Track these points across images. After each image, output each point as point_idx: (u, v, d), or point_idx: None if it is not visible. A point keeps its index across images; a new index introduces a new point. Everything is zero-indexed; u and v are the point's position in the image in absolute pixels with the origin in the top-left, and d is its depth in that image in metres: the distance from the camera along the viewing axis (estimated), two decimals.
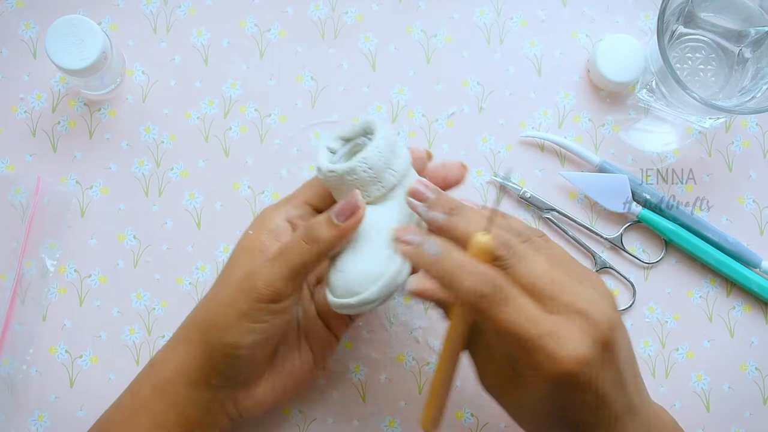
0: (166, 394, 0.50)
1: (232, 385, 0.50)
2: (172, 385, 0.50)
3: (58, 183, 0.61)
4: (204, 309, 0.51)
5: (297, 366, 0.53)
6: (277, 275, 0.47)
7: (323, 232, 0.47)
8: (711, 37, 0.60)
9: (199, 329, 0.50)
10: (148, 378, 0.51)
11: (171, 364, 0.50)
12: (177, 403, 0.50)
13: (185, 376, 0.49)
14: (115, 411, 0.52)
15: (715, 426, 0.60)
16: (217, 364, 0.49)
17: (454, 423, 0.59)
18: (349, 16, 0.64)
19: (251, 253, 0.50)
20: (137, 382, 0.52)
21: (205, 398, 0.50)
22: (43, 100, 0.62)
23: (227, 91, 0.63)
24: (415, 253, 0.44)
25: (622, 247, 0.61)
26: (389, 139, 0.49)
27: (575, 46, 0.64)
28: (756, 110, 0.56)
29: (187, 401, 0.50)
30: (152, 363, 0.52)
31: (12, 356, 0.58)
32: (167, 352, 0.51)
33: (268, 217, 0.51)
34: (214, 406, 0.51)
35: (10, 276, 0.59)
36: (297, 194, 0.52)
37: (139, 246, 0.61)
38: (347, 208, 0.47)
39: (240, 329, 0.47)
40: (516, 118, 0.63)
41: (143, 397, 0.50)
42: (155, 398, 0.50)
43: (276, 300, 0.47)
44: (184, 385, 0.50)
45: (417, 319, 0.60)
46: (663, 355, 0.61)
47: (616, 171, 0.61)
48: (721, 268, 0.60)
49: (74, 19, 0.56)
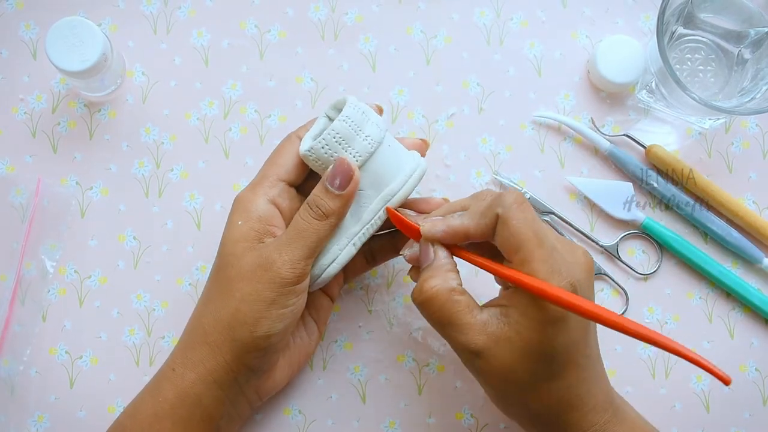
0: (191, 397, 0.49)
1: (258, 376, 0.52)
2: (197, 387, 0.50)
3: (58, 184, 0.61)
4: (224, 307, 0.50)
5: (305, 339, 0.55)
6: (299, 257, 0.49)
7: (330, 205, 0.49)
8: (711, 38, 0.60)
9: (225, 329, 0.49)
10: (170, 382, 0.50)
11: (194, 367, 0.50)
12: (202, 404, 0.50)
13: (211, 378, 0.49)
14: (134, 414, 0.51)
15: (715, 426, 0.60)
16: (248, 360, 0.50)
17: (454, 423, 0.59)
18: (349, 17, 0.64)
19: (249, 242, 0.50)
20: (157, 387, 0.51)
21: (231, 395, 0.51)
22: (43, 101, 0.62)
23: (227, 92, 0.63)
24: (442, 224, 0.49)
25: (617, 256, 0.61)
26: (357, 107, 0.51)
27: (575, 46, 0.64)
28: (756, 111, 0.56)
29: (213, 401, 0.50)
30: (171, 366, 0.51)
31: (12, 357, 0.58)
32: (187, 354, 0.51)
33: (250, 203, 0.51)
34: (240, 399, 0.52)
35: (9, 277, 0.59)
36: (267, 173, 0.52)
37: (139, 247, 0.61)
38: (343, 176, 0.49)
39: (270, 318, 0.49)
40: (516, 119, 0.63)
41: (166, 400, 0.50)
42: (179, 402, 0.49)
43: (300, 281, 0.49)
44: (210, 385, 0.50)
45: (417, 319, 0.60)
46: (663, 355, 0.61)
47: (625, 157, 0.62)
48: (723, 279, 0.61)
49: (74, 20, 0.56)
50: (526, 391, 0.47)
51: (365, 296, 0.61)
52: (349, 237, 0.52)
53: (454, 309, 0.47)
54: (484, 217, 0.48)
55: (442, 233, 0.49)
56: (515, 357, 0.46)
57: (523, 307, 0.46)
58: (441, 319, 0.47)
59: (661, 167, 0.62)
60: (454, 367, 0.60)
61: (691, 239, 0.62)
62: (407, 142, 0.55)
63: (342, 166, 0.50)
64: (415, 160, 0.53)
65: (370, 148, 0.51)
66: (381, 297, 0.60)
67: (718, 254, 0.62)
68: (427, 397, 0.60)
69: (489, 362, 0.46)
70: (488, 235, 0.48)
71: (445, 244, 0.50)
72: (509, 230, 0.46)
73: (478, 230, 0.48)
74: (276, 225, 0.51)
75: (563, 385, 0.47)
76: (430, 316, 0.48)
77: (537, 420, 0.49)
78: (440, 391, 0.60)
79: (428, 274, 0.48)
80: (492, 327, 0.46)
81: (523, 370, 0.46)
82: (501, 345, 0.46)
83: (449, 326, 0.47)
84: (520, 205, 0.47)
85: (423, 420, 0.59)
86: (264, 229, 0.50)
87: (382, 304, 0.61)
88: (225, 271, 0.50)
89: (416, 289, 0.49)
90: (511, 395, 0.48)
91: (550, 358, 0.46)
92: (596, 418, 0.47)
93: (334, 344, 0.60)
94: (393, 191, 0.52)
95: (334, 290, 0.57)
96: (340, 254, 0.52)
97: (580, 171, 0.63)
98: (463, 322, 0.47)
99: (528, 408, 0.48)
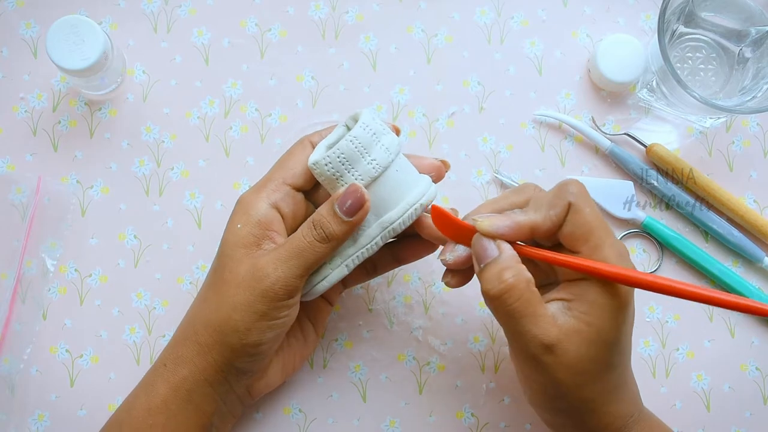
0: (183, 392, 0.50)
1: (249, 377, 0.52)
2: (188, 383, 0.50)
3: (58, 182, 0.61)
4: (216, 311, 0.50)
5: (301, 341, 0.55)
6: (293, 275, 0.48)
7: (335, 229, 0.48)
8: (711, 37, 0.60)
9: (216, 333, 0.49)
10: (162, 377, 0.51)
11: (185, 364, 0.50)
12: (194, 400, 0.50)
13: (201, 376, 0.50)
14: (129, 410, 0.51)
15: (715, 426, 0.60)
16: (237, 363, 0.50)
17: (455, 422, 0.59)
18: (349, 16, 0.64)
19: (248, 248, 0.50)
20: (150, 382, 0.51)
21: (222, 393, 0.51)
22: (44, 100, 0.62)
23: (228, 90, 0.63)
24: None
25: None
26: (368, 127, 0.49)
27: (576, 45, 0.64)
28: (756, 110, 0.56)
29: (204, 398, 0.50)
30: (163, 362, 0.51)
31: (12, 355, 0.58)
32: (179, 350, 0.51)
33: (251, 206, 0.51)
34: (231, 397, 0.52)
35: (10, 275, 0.59)
36: (273, 176, 0.52)
37: (139, 245, 0.61)
38: (354, 202, 0.48)
39: (260, 328, 0.49)
40: (517, 118, 0.63)
41: (159, 395, 0.50)
42: (171, 397, 0.50)
43: (292, 296, 0.49)
44: (201, 383, 0.50)
45: (417, 318, 0.60)
46: (663, 355, 0.61)
47: (626, 156, 0.62)
48: (723, 278, 0.61)
49: (75, 19, 0.56)
50: (590, 383, 0.47)
51: (366, 295, 0.61)
52: (343, 258, 0.51)
53: (534, 299, 0.46)
54: (554, 207, 0.47)
55: (506, 229, 0.47)
56: (584, 349, 0.46)
57: (592, 297, 0.46)
58: (518, 310, 0.46)
59: (662, 166, 0.62)
60: (455, 366, 0.60)
61: (692, 238, 0.62)
62: (425, 163, 0.52)
63: (355, 193, 0.48)
64: (423, 186, 0.50)
65: (374, 173, 0.49)
66: (381, 296, 0.60)
67: (719, 253, 0.62)
68: (427, 396, 0.60)
69: (561, 356, 0.46)
70: (556, 227, 0.47)
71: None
72: (583, 218, 0.46)
73: (546, 222, 0.47)
74: (276, 230, 0.50)
75: (617, 373, 0.48)
76: (507, 307, 0.46)
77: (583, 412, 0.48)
78: (441, 390, 0.60)
79: (500, 266, 0.46)
80: (560, 320, 0.46)
81: (591, 361, 0.46)
82: (571, 337, 0.46)
83: (525, 318, 0.46)
84: (587, 194, 0.47)
85: (424, 419, 0.59)
86: (263, 234, 0.50)
87: (382, 303, 0.61)
88: (222, 273, 0.50)
89: (491, 281, 0.46)
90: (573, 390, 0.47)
91: (615, 346, 0.47)
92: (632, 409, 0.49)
93: (335, 343, 0.60)
94: (391, 220, 0.50)
95: (333, 296, 0.57)
96: (331, 273, 0.51)
97: (581, 170, 0.63)
98: (539, 313, 0.46)
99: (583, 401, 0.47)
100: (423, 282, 0.61)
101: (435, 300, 0.61)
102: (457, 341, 0.60)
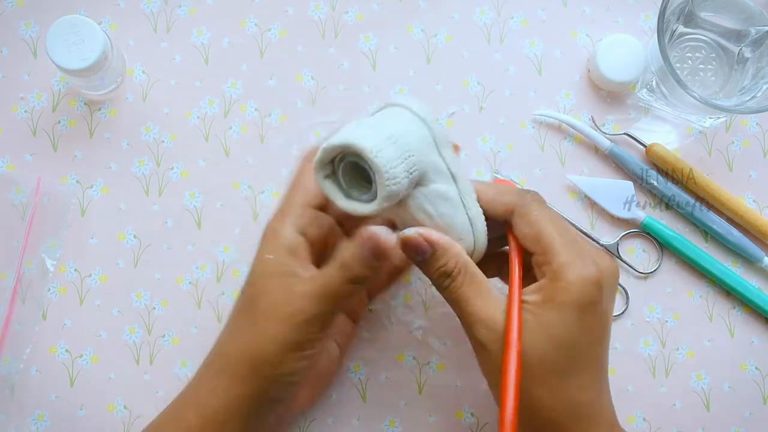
0: (214, 423, 0.49)
1: (282, 406, 0.52)
2: (220, 414, 0.49)
3: (58, 182, 0.61)
4: (251, 342, 0.49)
5: (327, 363, 0.56)
6: (324, 311, 0.49)
7: (363, 271, 0.48)
8: (711, 37, 0.60)
9: (249, 365, 0.49)
10: (193, 408, 0.50)
11: (218, 394, 0.49)
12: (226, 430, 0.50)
13: (234, 408, 0.49)
14: None
15: (715, 426, 0.60)
16: (271, 394, 0.50)
17: (455, 422, 0.59)
18: (349, 16, 0.64)
19: (279, 278, 0.49)
20: (180, 409, 0.51)
21: (254, 424, 0.50)
22: (44, 100, 0.62)
23: (227, 90, 0.63)
24: None
25: (618, 255, 0.61)
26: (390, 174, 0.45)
27: (576, 45, 0.64)
28: (756, 110, 0.56)
29: (236, 429, 0.50)
30: (194, 390, 0.51)
31: (12, 355, 0.58)
32: (210, 381, 0.50)
33: (279, 233, 0.50)
34: (262, 428, 0.51)
35: (10, 275, 0.59)
36: (295, 199, 0.52)
37: (139, 245, 0.61)
38: (382, 251, 0.47)
39: (294, 358, 0.49)
40: (516, 118, 0.63)
41: (190, 425, 0.50)
42: (201, 426, 0.49)
43: (325, 329, 0.50)
44: (233, 415, 0.49)
45: (417, 318, 0.60)
46: (663, 354, 0.61)
47: (625, 156, 0.62)
48: (723, 278, 0.61)
49: (75, 19, 0.56)
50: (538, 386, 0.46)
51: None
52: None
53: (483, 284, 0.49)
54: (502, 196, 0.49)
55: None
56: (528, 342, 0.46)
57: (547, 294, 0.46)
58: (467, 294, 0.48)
59: (662, 166, 0.62)
60: (455, 366, 0.60)
61: (692, 238, 0.62)
62: None
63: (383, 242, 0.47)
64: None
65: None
66: (381, 296, 0.60)
67: (719, 253, 0.62)
68: (427, 396, 0.60)
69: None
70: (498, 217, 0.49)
71: None
72: (528, 219, 0.48)
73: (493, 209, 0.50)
74: (304, 257, 0.50)
75: (578, 386, 0.46)
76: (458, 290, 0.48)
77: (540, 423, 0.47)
78: (441, 389, 0.60)
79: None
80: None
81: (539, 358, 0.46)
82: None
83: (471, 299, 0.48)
84: (540, 203, 0.49)
85: (423, 419, 0.59)
86: (294, 262, 0.50)
87: (382, 302, 0.61)
88: (254, 304, 0.50)
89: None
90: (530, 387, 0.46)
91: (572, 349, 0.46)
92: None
93: None
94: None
95: (359, 313, 0.57)
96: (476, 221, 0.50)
97: (581, 170, 0.63)
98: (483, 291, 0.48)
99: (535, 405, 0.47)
100: (423, 282, 0.61)
101: (435, 300, 0.61)
102: (457, 341, 0.60)
